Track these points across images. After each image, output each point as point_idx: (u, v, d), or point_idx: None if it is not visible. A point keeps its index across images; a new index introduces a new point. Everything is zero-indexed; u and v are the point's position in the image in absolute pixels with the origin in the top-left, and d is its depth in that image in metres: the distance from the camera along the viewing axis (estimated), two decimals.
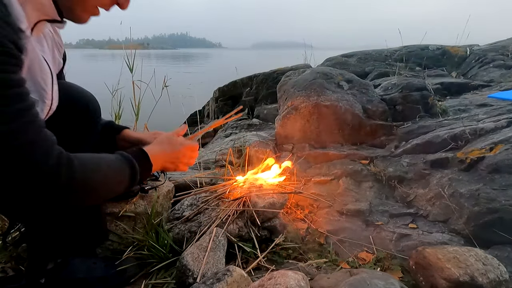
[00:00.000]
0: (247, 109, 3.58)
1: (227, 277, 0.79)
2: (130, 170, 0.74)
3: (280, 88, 2.30)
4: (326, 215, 1.33)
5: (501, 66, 3.12)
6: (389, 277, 0.83)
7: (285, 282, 0.74)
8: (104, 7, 0.69)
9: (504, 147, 1.32)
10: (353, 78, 2.14)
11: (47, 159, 0.57)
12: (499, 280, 0.83)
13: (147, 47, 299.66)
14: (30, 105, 0.56)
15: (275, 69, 3.82)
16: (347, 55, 4.03)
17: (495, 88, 2.58)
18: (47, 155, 0.58)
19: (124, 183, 0.74)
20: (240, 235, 1.12)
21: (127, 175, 0.74)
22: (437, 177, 1.37)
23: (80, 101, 0.90)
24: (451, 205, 1.21)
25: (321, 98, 1.89)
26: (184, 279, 0.88)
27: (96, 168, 0.68)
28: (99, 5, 0.68)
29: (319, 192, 1.46)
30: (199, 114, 4.36)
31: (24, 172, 0.55)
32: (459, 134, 1.56)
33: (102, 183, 0.69)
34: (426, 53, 3.74)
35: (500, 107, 1.90)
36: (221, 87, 4.21)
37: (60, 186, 0.60)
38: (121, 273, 0.98)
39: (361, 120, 1.85)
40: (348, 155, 1.74)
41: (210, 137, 3.16)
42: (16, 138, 0.53)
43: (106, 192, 0.71)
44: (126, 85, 2.21)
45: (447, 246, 0.95)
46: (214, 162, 1.89)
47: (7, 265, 1.05)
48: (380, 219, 1.28)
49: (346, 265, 1.07)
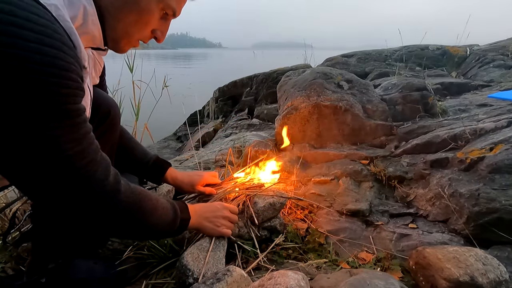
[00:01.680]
0: (247, 109, 3.58)
1: (227, 277, 0.79)
2: (173, 214, 0.83)
3: (280, 88, 2.30)
4: (326, 215, 1.33)
5: (501, 66, 3.12)
6: (389, 277, 0.83)
7: (285, 282, 0.74)
8: (144, 40, 0.75)
9: (504, 147, 1.32)
10: (353, 78, 2.14)
11: (107, 176, 0.65)
12: (499, 280, 0.83)
13: (147, 47, 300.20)
14: (90, 129, 0.64)
15: (275, 69, 3.82)
16: (347, 55, 4.03)
17: (495, 88, 2.58)
18: (107, 173, 0.65)
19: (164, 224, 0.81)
20: (240, 235, 1.11)
21: (170, 218, 0.82)
22: (437, 177, 1.37)
23: (102, 106, 0.94)
24: (451, 205, 1.21)
25: (321, 98, 1.89)
26: (184, 279, 0.88)
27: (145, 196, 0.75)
28: (140, 39, 0.74)
29: (319, 192, 1.46)
30: (199, 114, 4.37)
31: (89, 187, 0.62)
32: (459, 134, 1.56)
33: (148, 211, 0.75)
34: (426, 53, 3.74)
35: (500, 107, 1.90)
36: (221, 87, 4.21)
37: (118, 202, 0.67)
38: (121, 273, 0.99)
39: (361, 120, 1.85)
40: (348, 155, 1.74)
41: (210, 137, 3.16)
42: (82, 158, 0.60)
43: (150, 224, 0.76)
44: (126, 85, 2.21)
45: (447, 246, 0.95)
46: (214, 162, 1.89)
47: (7, 265, 1.05)
48: (380, 219, 1.28)
49: (346, 265, 1.07)
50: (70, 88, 0.56)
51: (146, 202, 0.74)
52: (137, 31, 0.71)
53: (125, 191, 0.69)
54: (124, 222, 0.71)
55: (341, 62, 3.80)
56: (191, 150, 2.50)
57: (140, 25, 0.70)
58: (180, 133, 4.17)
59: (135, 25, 0.70)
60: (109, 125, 0.96)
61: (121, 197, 0.67)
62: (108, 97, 1.00)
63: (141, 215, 0.73)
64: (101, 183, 0.64)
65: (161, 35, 0.76)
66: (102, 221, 0.68)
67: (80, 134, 0.60)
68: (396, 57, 3.77)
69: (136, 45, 0.75)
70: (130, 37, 0.72)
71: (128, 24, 0.69)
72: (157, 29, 0.74)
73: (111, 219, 0.69)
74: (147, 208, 0.74)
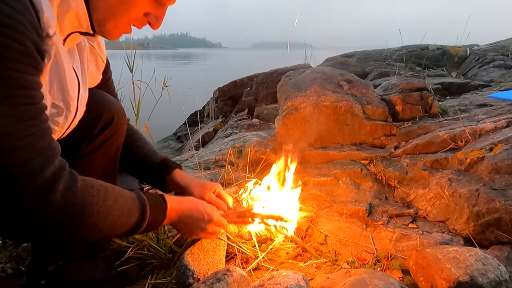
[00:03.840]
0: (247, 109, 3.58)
1: (227, 277, 0.79)
2: (139, 218, 0.69)
3: (280, 88, 2.30)
4: (326, 215, 1.33)
5: (501, 66, 3.12)
6: (389, 277, 0.83)
7: (285, 282, 0.74)
8: (136, 25, 0.69)
9: (504, 147, 1.31)
10: (353, 78, 2.14)
11: (45, 168, 0.53)
12: (499, 280, 0.82)
13: (147, 47, 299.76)
14: (40, 110, 0.54)
15: (275, 69, 3.82)
16: (347, 55, 4.04)
17: (495, 88, 2.59)
18: (46, 164, 0.54)
19: (124, 228, 0.68)
20: (240, 235, 1.12)
21: (132, 221, 0.69)
22: (437, 177, 1.37)
23: (105, 112, 0.89)
24: (451, 205, 1.21)
25: (321, 98, 1.89)
26: (184, 279, 0.88)
27: (102, 196, 0.62)
28: (131, 23, 0.68)
29: (319, 192, 1.46)
30: (199, 114, 4.37)
31: (13, 178, 0.50)
32: (459, 134, 1.56)
33: (101, 214, 0.61)
34: (426, 53, 3.74)
35: (500, 107, 1.90)
36: (221, 87, 4.21)
37: (47, 202, 0.54)
38: (122, 274, 0.98)
39: (361, 120, 1.85)
40: (348, 155, 1.74)
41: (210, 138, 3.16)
42: (14, 139, 0.50)
43: (100, 228, 0.63)
44: (126, 85, 2.21)
45: (447, 246, 0.95)
46: (214, 162, 1.89)
47: (7, 265, 1.06)
48: (380, 219, 1.28)
49: (346, 265, 1.07)
50: (8, 49, 0.47)
51: (97, 203, 0.61)
52: (123, 12, 0.65)
53: (65, 188, 0.56)
54: (53, 227, 0.57)
55: (341, 62, 3.80)
56: (191, 150, 2.50)
57: (126, 5, 0.64)
58: (180, 133, 4.18)
59: (120, 5, 0.64)
60: (112, 132, 0.91)
61: (54, 196, 0.54)
62: (113, 102, 0.94)
63: (84, 218, 0.59)
64: (33, 176, 0.52)
65: (156, 20, 0.69)
66: (20, 223, 0.54)
67: (17, 110, 0.50)
68: (396, 57, 3.77)
69: (128, 31, 0.69)
70: (116, 18, 0.65)
71: (111, 2, 0.64)
72: (151, 12, 0.68)
73: (34, 222, 0.55)
74: (96, 210, 0.60)
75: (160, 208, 0.76)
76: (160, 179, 1.00)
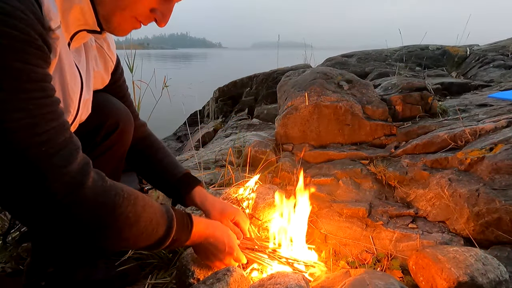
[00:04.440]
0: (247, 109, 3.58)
1: (227, 277, 0.79)
2: (164, 232, 0.67)
3: (280, 88, 2.30)
4: (326, 215, 1.33)
5: (501, 66, 3.12)
6: (389, 277, 0.83)
7: (285, 282, 0.74)
8: (142, 21, 0.67)
9: (504, 147, 1.31)
10: (353, 78, 2.14)
11: (70, 162, 0.50)
12: (499, 280, 0.83)
13: (147, 47, 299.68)
14: (54, 102, 0.51)
15: (275, 69, 3.82)
16: (347, 55, 4.03)
17: (495, 88, 2.58)
18: (70, 159, 0.51)
19: (148, 241, 0.65)
20: None
21: (157, 235, 0.65)
22: (437, 177, 1.37)
23: (110, 118, 0.86)
24: (451, 205, 1.21)
25: (321, 98, 1.89)
26: (184, 279, 0.88)
27: (132, 200, 0.58)
28: (137, 17, 0.66)
29: (319, 192, 1.46)
30: (199, 114, 4.37)
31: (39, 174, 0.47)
32: (459, 134, 1.56)
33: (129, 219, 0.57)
34: (426, 53, 3.74)
35: (500, 107, 1.90)
36: (221, 87, 4.21)
37: (81, 198, 0.51)
38: (122, 275, 0.98)
39: (361, 120, 1.85)
40: (348, 155, 1.74)
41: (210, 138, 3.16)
42: (33, 135, 0.47)
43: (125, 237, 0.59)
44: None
45: (447, 246, 0.95)
46: (214, 162, 1.89)
47: (7, 265, 1.05)
48: (380, 219, 1.28)
49: (346, 265, 1.07)
50: (16, 41, 0.44)
51: (127, 206, 0.57)
52: (130, 5, 0.63)
53: (94, 186, 0.53)
54: (83, 226, 0.53)
55: (341, 62, 3.80)
56: (191, 150, 2.50)
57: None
58: (180, 133, 4.18)
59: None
60: (116, 139, 0.88)
61: (84, 193, 0.51)
62: (120, 108, 0.89)
63: (112, 220, 0.55)
64: (58, 170, 0.48)
65: (162, 17, 0.67)
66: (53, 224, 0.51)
67: (31, 104, 0.47)
68: (396, 57, 3.77)
69: (136, 26, 0.67)
70: (122, 11, 0.63)
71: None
72: (157, 8, 0.66)
73: (68, 221, 0.51)
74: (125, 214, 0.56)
75: (186, 227, 0.74)
76: (179, 196, 0.99)
